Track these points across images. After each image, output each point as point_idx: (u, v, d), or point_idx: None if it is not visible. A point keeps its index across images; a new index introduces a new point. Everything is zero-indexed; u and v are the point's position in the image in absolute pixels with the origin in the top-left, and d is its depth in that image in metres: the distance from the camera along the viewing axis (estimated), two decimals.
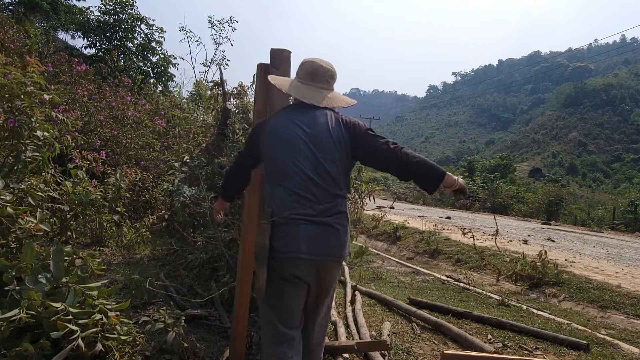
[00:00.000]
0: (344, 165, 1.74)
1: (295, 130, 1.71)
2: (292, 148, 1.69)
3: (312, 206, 1.65)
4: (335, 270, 1.78)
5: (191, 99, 10.66)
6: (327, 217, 1.66)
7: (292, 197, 1.66)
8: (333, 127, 1.72)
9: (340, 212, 1.70)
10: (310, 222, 1.64)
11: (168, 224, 5.22)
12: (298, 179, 1.66)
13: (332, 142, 1.70)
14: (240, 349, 2.23)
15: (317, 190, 1.66)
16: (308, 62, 1.84)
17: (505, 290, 5.12)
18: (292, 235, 1.64)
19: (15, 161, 2.87)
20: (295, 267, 1.67)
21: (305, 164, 1.67)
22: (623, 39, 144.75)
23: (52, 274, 2.06)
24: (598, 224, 19.39)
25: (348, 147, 1.73)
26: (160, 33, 12.09)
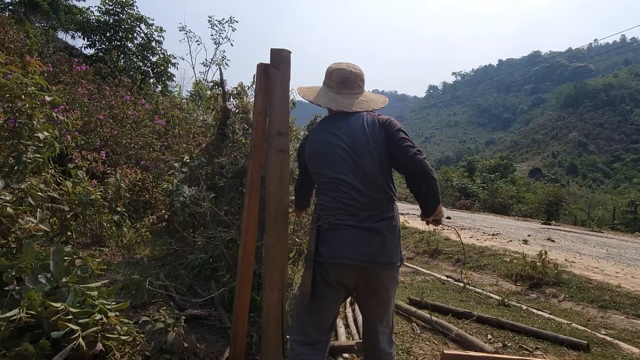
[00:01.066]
0: (385, 167, 1.73)
1: (333, 140, 1.74)
2: (333, 159, 1.73)
3: (357, 213, 1.67)
4: (387, 277, 1.73)
5: (191, 99, 10.66)
6: (372, 223, 1.66)
7: (337, 204, 1.70)
8: (369, 129, 1.73)
9: (387, 218, 1.69)
10: (354, 227, 1.65)
11: (168, 224, 5.22)
12: (342, 188, 1.70)
13: (370, 144, 1.70)
14: (240, 349, 2.23)
15: (361, 197, 1.67)
16: (336, 70, 1.86)
17: (505, 290, 5.12)
18: (336, 241, 1.66)
19: (16, 162, 2.87)
20: (339, 272, 1.68)
21: (347, 172, 1.69)
22: (623, 39, 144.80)
23: (52, 274, 2.06)
24: (598, 224, 19.38)
25: (384, 144, 1.72)
26: (160, 33, 12.09)
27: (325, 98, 1.83)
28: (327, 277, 1.70)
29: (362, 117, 1.76)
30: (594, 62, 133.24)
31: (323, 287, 1.71)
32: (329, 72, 1.88)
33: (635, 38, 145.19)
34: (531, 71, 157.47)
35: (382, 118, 1.77)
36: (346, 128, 1.75)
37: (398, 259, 1.73)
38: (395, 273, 1.77)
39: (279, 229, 1.95)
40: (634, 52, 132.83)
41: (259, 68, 2.10)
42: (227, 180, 3.36)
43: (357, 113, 1.79)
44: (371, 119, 1.76)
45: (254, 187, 2.12)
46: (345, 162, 1.70)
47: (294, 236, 2.91)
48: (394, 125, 1.74)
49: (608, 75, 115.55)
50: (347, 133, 1.73)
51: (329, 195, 1.73)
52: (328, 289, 1.71)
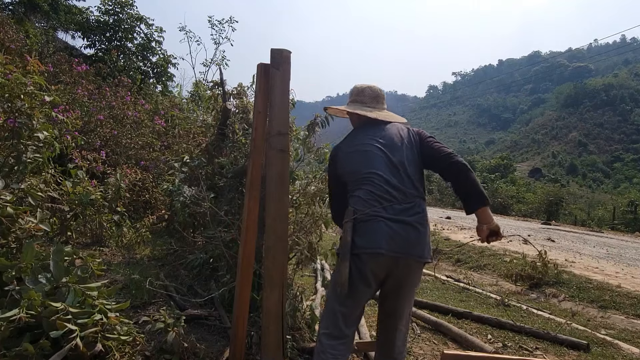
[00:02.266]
0: (419, 167, 1.84)
1: (370, 142, 1.86)
2: (369, 156, 1.82)
3: (392, 206, 1.72)
4: (417, 272, 1.78)
5: (191, 99, 10.65)
6: (407, 217, 1.71)
7: (373, 197, 1.75)
8: (404, 134, 1.88)
9: (419, 213, 1.74)
10: (389, 220, 1.70)
11: (168, 224, 5.22)
12: (377, 182, 1.76)
13: (405, 145, 1.83)
14: (240, 349, 2.23)
15: (395, 191, 1.74)
16: (367, 87, 2.04)
17: (505, 290, 5.12)
18: (373, 232, 1.70)
19: (16, 162, 2.87)
20: (376, 263, 1.71)
21: (383, 168, 1.78)
22: (623, 39, 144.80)
23: (52, 274, 2.06)
24: (598, 224, 19.38)
25: (418, 149, 1.86)
26: (160, 33, 12.09)
27: (362, 110, 1.98)
28: (363, 268, 1.72)
29: (395, 126, 1.93)
30: (594, 62, 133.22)
31: (357, 279, 1.74)
32: (360, 90, 2.04)
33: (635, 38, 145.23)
34: (531, 71, 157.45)
35: (415, 129, 1.96)
36: (383, 132, 1.88)
37: (429, 256, 1.77)
38: (422, 268, 1.81)
39: (278, 229, 1.96)
40: (634, 52, 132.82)
41: (259, 68, 2.10)
42: (227, 180, 3.36)
43: (390, 123, 1.95)
44: (404, 127, 1.93)
45: (254, 187, 2.12)
46: (380, 159, 1.80)
47: (294, 236, 2.90)
48: (426, 134, 1.94)
49: (608, 75, 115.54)
50: (382, 136, 1.87)
51: (364, 189, 1.78)
52: (361, 282, 1.74)
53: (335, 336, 1.78)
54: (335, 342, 1.77)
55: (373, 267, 1.72)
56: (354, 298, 1.78)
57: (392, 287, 1.80)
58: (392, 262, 1.71)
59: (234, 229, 2.96)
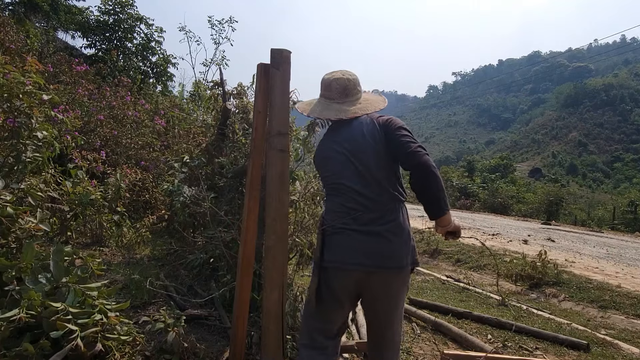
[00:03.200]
0: (388, 166, 1.69)
1: (337, 147, 1.74)
2: (337, 164, 1.72)
3: (361, 216, 1.63)
4: (394, 282, 1.66)
5: (191, 99, 10.65)
6: (376, 226, 1.61)
7: (342, 208, 1.67)
8: (368, 131, 1.70)
9: (392, 221, 1.63)
10: (357, 231, 1.62)
11: (168, 224, 5.21)
12: (345, 193, 1.68)
13: (370, 146, 1.67)
14: (240, 349, 2.22)
15: (365, 200, 1.64)
16: (334, 80, 1.83)
17: (505, 290, 5.12)
18: (341, 245, 1.64)
19: (16, 161, 2.87)
20: (345, 278, 1.65)
21: (351, 177, 1.68)
22: (623, 39, 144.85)
23: (52, 274, 2.06)
24: (598, 224, 19.39)
25: (384, 145, 1.68)
26: (160, 33, 12.08)
27: (327, 110, 1.81)
28: (332, 283, 1.67)
29: (364, 121, 1.74)
30: (594, 62, 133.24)
31: (327, 293, 1.68)
32: (327, 84, 1.84)
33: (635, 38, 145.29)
34: (531, 71, 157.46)
35: (382, 119, 1.74)
36: (347, 134, 1.74)
37: (408, 263, 1.65)
38: (405, 277, 1.69)
39: (278, 229, 1.95)
40: (634, 52, 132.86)
41: (259, 68, 2.10)
42: (227, 180, 3.36)
43: (357, 118, 1.76)
44: (370, 121, 1.73)
45: (254, 187, 2.12)
46: (347, 167, 1.69)
47: (294, 236, 2.90)
48: (395, 124, 1.71)
49: (608, 75, 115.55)
50: (347, 139, 1.72)
51: (334, 200, 1.72)
52: (330, 298, 1.69)
53: (314, 347, 1.72)
54: (314, 353, 1.72)
55: (342, 282, 1.66)
56: (325, 313, 1.73)
57: (370, 299, 1.72)
58: (364, 276, 1.63)
59: (234, 229, 2.96)
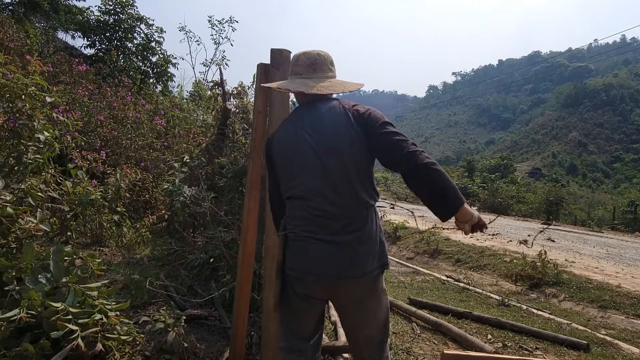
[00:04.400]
0: (362, 167, 1.47)
1: (301, 135, 1.50)
2: (301, 160, 1.49)
3: (327, 224, 1.46)
4: (358, 287, 1.51)
5: (191, 99, 10.66)
6: (343, 236, 1.45)
7: (305, 213, 1.49)
8: (342, 122, 1.46)
9: (359, 229, 1.45)
10: (321, 241, 1.46)
11: (168, 224, 5.22)
12: (310, 196, 1.48)
13: (344, 143, 1.44)
14: (240, 349, 2.23)
15: (330, 206, 1.45)
16: (302, 54, 1.63)
17: (505, 290, 5.12)
18: (302, 254, 1.50)
19: (16, 162, 2.87)
20: (305, 286, 1.54)
21: (316, 177, 1.47)
22: (623, 39, 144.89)
23: (52, 274, 2.06)
24: (598, 224, 19.38)
25: (362, 143, 1.44)
26: (160, 33, 12.08)
27: (290, 84, 1.61)
28: (294, 288, 1.56)
29: (334, 109, 1.50)
30: (594, 62, 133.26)
31: (294, 297, 1.57)
32: (295, 59, 1.63)
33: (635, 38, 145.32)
34: (531, 71, 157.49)
35: (358, 109, 1.49)
36: (315, 121, 1.50)
37: (375, 267, 1.50)
38: (375, 282, 1.53)
39: None
40: (634, 52, 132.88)
41: (259, 68, 2.10)
42: (227, 180, 3.36)
43: (328, 103, 1.53)
44: (342, 111, 1.49)
45: (254, 187, 2.12)
46: (313, 166, 1.47)
47: None
48: (376, 118, 1.46)
49: (608, 75, 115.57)
50: (315, 126, 1.49)
51: (297, 203, 1.52)
52: (299, 300, 1.57)
53: (291, 350, 1.63)
54: (292, 356, 1.62)
55: (304, 290, 1.54)
56: (296, 315, 1.61)
57: (337, 306, 1.59)
58: (329, 285, 1.50)
59: (234, 229, 2.96)
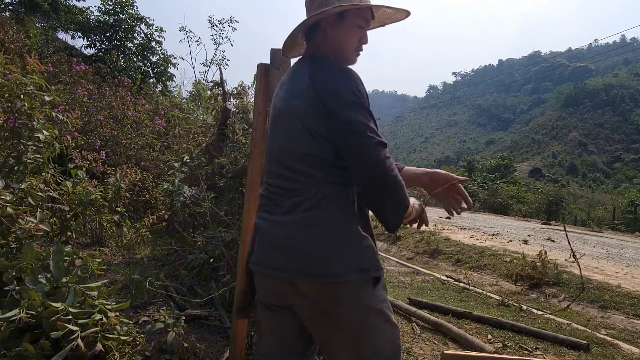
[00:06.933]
0: (318, 144, 1.11)
1: (277, 96, 1.26)
2: (271, 127, 1.26)
3: (276, 200, 1.18)
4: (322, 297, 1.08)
5: (191, 99, 10.68)
6: (290, 216, 1.12)
7: (265, 189, 1.25)
8: (299, 86, 1.14)
9: (310, 210, 1.09)
10: (267, 221, 1.18)
11: (168, 224, 5.22)
12: (268, 166, 1.26)
13: (292, 111, 1.14)
14: (240, 349, 2.23)
15: (280, 181, 1.18)
16: None
17: (505, 290, 5.12)
18: (258, 241, 1.21)
19: (16, 162, 2.87)
20: (260, 284, 1.23)
21: (275, 145, 1.22)
22: (623, 39, 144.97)
23: (52, 274, 2.06)
24: (598, 224, 19.40)
25: (318, 122, 1.10)
26: (160, 33, 12.11)
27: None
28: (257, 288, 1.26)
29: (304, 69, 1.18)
30: (594, 62, 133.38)
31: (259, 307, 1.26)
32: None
33: (635, 38, 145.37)
34: (531, 71, 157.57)
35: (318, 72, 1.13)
36: (290, 78, 1.22)
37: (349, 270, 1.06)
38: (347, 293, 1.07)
39: None
40: (634, 52, 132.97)
41: (259, 68, 2.10)
42: (227, 180, 3.36)
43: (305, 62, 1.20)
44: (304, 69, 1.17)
45: (254, 187, 2.11)
46: (274, 131, 1.24)
47: None
48: (337, 91, 1.08)
49: (608, 75, 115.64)
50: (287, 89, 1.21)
51: (264, 179, 1.29)
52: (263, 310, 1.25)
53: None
54: None
55: (261, 291, 1.24)
56: (261, 331, 1.29)
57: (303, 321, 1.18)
58: (271, 282, 1.18)
59: (234, 229, 2.96)
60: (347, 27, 1.20)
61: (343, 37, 1.21)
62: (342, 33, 1.21)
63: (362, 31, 1.23)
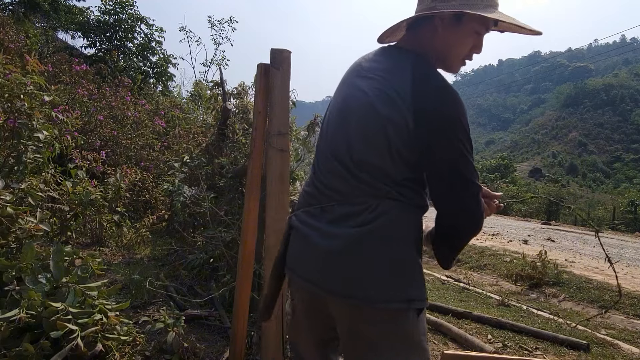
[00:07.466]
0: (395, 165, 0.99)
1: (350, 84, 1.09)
2: (337, 113, 1.09)
3: (323, 203, 1.06)
4: (358, 319, 1.02)
5: (191, 99, 10.68)
6: (341, 228, 1.02)
7: (313, 189, 1.11)
8: (397, 95, 0.96)
9: (365, 226, 0.99)
10: (311, 227, 1.07)
11: (168, 224, 5.22)
12: (323, 161, 1.10)
13: (378, 118, 0.98)
14: (240, 349, 2.23)
15: (335, 181, 1.05)
16: None
17: (505, 290, 5.12)
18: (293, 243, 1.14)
19: (16, 162, 2.87)
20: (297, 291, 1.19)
21: (338, 138, 1.07)
22: (623, 39, 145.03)
23: (52, 274, 2.06)
24: (598, 224, 19.39)
25: (409, 147, 0.97)
26: (160, 33, 12.10)
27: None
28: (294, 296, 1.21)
29: (402, 59, 1.03)
30: (594, 62, 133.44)
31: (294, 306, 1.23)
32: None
33: (635, 38, 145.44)
34: (531, 71, 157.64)
35: (431, 84, 0.97)
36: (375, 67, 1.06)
37: (392, 298, 0.98)
38: (387, 324, 1.00)
39: (278, 229, 1.95)
40: (634, 52, 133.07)
41: (259, 68, 2.10)
42: (227, 180, 3.36)
43: (401, 52, 1.06)
44: (409, 67, 0.99)
45: (254, 187, 2.11)
46: (339, 123, 1.08)
47: None
48: (447, 118, 0.96)
49: (608, 75, 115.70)
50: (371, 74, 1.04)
51: (311, 174, 1.17)
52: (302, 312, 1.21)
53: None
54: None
55: (299, 299, 1.19)
56: (300, 328, 1.24)
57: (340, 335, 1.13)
58: (310, 294, 1.11)
59: (234, 229, 2.96)
60: (463, 31, 1.04)
61: (455, 41, 1.05)
62: (455, 37, 1.04)
63: (478, 38, 1.06)
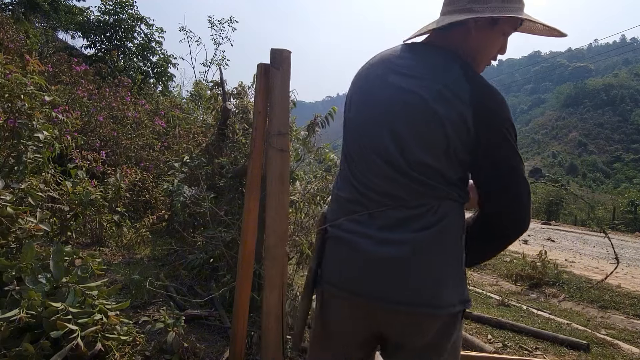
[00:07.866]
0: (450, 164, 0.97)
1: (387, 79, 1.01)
2: (377, 112, 1.01)
3: (371, 209, 1.00)
4: (422, 328, 0.99)
5: (191, 99, 10.68)
6: (398, 234, 0.96)
7: (356, 194, 1.03)
8: (451, 92, 0.93)
9: (427, 230, 0.95)
10: (359, 235, 1.00)
11: (168, 224, 5.22)
12: (364, 163, 1.02)
13: (434, 115, 0.93)
14: (240, 349, 2.22)
15: (385, 184, 0.98)
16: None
17: (505, 290, 5.12)
18: (334, 255, 1.06)
19: (16, 162, 2.87)
20: (335, 308, 1.08)
21: (383, 136, 0.98)
22: (623, 39, 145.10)
23: (52, 274, 2.06)
24: (598, 224, 19.39)
25: (465, 146, 0.95)
26: (160, 33, 12.10)
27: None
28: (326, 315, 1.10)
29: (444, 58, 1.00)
30: (594, 62, 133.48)
31: (332, 320, 1.10)
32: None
33: (635, 38, 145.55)
34: (531, 71, 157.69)
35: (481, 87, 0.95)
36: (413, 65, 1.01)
37: (455, 301, 0.98)
38: (449, 326, 1.00)
39: (279, 229, 1.95)
40: (634, 52, 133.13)
41: (259, 68, 2.10)
42: (227, 180, 3.36)
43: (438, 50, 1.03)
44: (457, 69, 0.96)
45: (254, 187, 2.11)
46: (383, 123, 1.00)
47: (294, 236, 2.91)
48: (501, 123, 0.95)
49: (608, 75, 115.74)
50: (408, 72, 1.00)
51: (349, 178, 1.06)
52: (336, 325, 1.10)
53: None
54: None
55: (337, 315, 1.08)
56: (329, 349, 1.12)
57: (388, 351, 1.08)
58: (359, 309, 1.02)
59: (234, 229, 2.96)
60: (496, 33, 1.04)
61: (487, 43, 1.05)
62: (488, 38, 1.05)
63: (504, 39, 1.07)
